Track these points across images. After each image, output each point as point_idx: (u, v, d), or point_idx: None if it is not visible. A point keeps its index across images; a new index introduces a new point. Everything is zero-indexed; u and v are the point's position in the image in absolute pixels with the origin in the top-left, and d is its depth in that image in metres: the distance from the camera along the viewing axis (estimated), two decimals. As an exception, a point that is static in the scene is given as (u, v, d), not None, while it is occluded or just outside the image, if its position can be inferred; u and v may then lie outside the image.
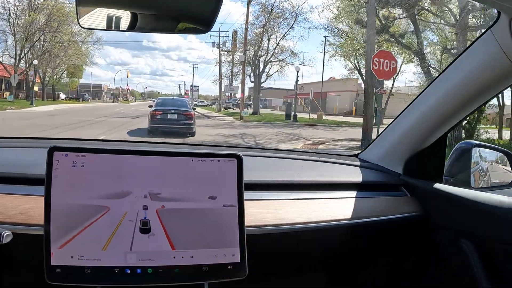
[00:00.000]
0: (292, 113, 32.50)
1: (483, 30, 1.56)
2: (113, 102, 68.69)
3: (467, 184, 1.87)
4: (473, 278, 1.62)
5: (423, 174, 1.92)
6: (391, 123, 2.03)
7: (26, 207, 1.31)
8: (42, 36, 37.66)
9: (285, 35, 38.71)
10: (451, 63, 1.71)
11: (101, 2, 1.30)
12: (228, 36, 40.09)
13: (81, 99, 55.17)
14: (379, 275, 2.01)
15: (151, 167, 1.25)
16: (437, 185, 1.83)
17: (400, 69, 32.93)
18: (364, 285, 2.01)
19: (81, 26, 1.30)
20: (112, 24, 1.32)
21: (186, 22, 1.30)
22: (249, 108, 37.90)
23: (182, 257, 1.23)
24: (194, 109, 20.24)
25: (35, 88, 43.33)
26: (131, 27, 1.31)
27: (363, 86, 48.05)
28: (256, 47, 38.10)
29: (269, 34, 37.99)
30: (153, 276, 1.21)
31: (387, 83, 32.95)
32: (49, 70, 42.55)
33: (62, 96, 52.32)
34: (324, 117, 34.82)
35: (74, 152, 1.21)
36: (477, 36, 1.65)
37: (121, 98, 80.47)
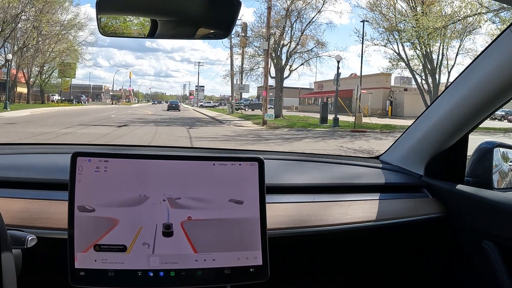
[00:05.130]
0: (332, 117, 25.88)
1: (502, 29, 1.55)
2: (112, 104, 66.42)
3: (489, 185, 1.85)
4: (496, 279, 1.61)
5: (444, 175, 1.91)
6: (412, 124, 2.02)
7: (50, 212, 1.34)
8: (19, 26, 33.12)
9: (312, 21, 32.54)
10: (471, 63, 1.70)
11: (121, 10, 1.32)
12: (240, 25, 33.42)
13: (74, 101, 51.51)
14: (401, 276, 1.99)
15: (173, 171, 1.26)
16: (459, 186, 1.82)
17: (455, 60, 30.31)
18: (386, 286, 2.00)
19: (102, 34, 1.32)
20: (132, 32, 1.34)
21: (206, 27, 1.31)
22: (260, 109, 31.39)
23: (205, 260, 1.24)
24: (180, 104, 52.51)
25: (21, 89, 39.49)
26: (151, 34, 1.33)
27: (393, 82, 45.22)
28: (278, 35, 31.78)
29: (292, 21, 32.17)
30: (175, 279, 1.22)
31: (443, 78, 29.57)
32: (35, 68, 38.41)
33: (57, 97, 48.61)
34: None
35: (97, 157, 1.23)
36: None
37: (124, 100, 78.77)
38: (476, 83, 1.66)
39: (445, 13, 26.57)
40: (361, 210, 1.66)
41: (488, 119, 1.83)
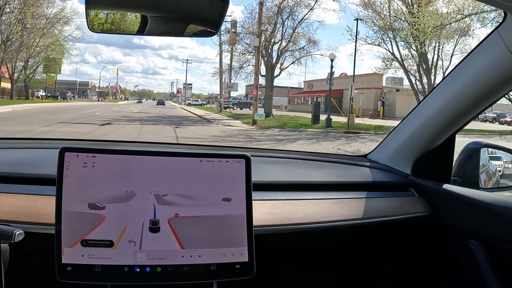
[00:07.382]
0: (325, 117, 24.93)
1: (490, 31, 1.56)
2: (99, 101, 66.33)
3: (475, 185, 1.87)
4: (482, 278, 1.62)
5: (431, 175, 1.92)
6: (399, 123, 2.03)
7: (38, 207, 1.33)
8: (3, 18, 32.21)
9: (304, 18, 32.49)
10: (458, 64, 1.71)
11: (111, 6, 1.32)
12: (230, 21, 32.49)
13: (60, 98, 50.09)
14: (388, 275, 2.01)
15: (160, 167, 1.26)
16: (446, 186, 1.83)
17: (450, 61, 29.47)
18: (373, 286, 2.01)
19: (91, 30, 1.31)
20: (121, 28, 1.34)
21: (195, 24, 1.31)
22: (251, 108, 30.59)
23: (191, 256, 1.25)
24: (166, 101, 77.08)
25: (5, 84, 38.67)
26: (141, 31, 1.33)
27: (384, 83, 44.56)
28: (270, 32, 31.27)
29: (284, 18, 31.97)
30: (162, 274, 1.23)
31: (438, 79, 28.72)
32: (19, 63, 37.23)
33: (42, 93, 47.21)
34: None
35: (85, 152, 1.23)
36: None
37: (110, 97, 78.49)
38: (463, 84, 1.68)
39: (441, 12, 26.40)
40: (347, 208, 1.67)
41: (480, 121, 1.85)
